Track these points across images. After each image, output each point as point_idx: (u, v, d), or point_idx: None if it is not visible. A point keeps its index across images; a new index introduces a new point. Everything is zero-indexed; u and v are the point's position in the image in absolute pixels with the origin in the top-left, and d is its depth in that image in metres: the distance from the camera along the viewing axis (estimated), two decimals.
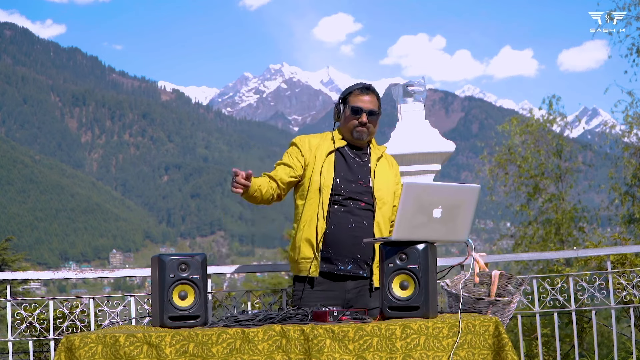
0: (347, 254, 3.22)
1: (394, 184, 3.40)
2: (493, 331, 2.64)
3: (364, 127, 3.31)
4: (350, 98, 3.36)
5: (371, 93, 3.36)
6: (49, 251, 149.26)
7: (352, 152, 3.36)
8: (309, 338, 2.53)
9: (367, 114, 3.31)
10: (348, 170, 3.30)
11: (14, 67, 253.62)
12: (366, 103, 3.33)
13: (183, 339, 2.57)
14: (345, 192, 3.25)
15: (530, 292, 4.23)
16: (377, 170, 3.34)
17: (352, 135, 3.33)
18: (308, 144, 3.36)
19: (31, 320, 4.05)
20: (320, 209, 3.22)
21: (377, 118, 3.35)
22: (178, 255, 2.85)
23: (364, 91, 3.35)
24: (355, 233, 3.22)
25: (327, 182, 3.24)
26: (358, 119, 3.31)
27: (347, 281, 3.24)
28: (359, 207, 3.25)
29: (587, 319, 6.98)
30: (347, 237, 3.22)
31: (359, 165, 3.33)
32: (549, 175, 16.86)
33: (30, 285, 12.16)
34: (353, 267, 3.23)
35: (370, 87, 3.38)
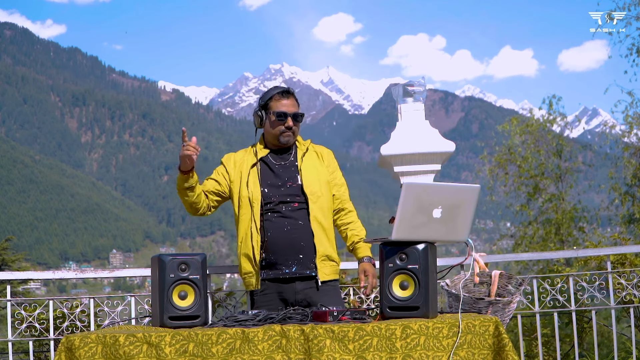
0: (289, 256, 3.25)
1: (326, 174, 3.38)
2: (493, 331, 2.64)
3: (290, 131, 3.33)
4: (271, 104, 3.35)
5: (291, 96, 3.36)
6: (49, 251, 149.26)
7: (276, 157, 3.38)
8: (309, 338, 2.53)
9: (292, 117, 3.32)
10: (274, 176, 3.32)
11: (14, 67, 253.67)
12: (289, 107, 3.33)
13: (183, 339, 2.57)
14: (276, 198, 3.28)
15: (530, 292, 4.23)
16: (304, 167, 3.35)
17: (278, 141, 3.35)
18: (233, 161, 3.40)
19: (31, 320, 4.05)
20: (252, 223, 3.25)
21: (301, 120, 3.36)
22: (178, 255, 2.86)
23: (284, 95, 3.35)
24: (292, 235, 3.25)
25: (256, 194, 3.27)
26: (284, 123, 3.32)
27: (295, 282, 3.27)
28: (292, 208, 3.28)
29: (587, 319, 6.98)
30: (285, 241, 3.24)
31: (285, 168, 3.35)
32: (549, 175, 16.86)
33: (30, 285, 12.17)
34: (298, 267, 3.26)
35: (289, 90, 3.38)
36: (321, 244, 3.27)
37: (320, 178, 3.34)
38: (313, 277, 3.28)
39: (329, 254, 3.31)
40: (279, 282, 3.27)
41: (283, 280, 3.26)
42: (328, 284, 3.30)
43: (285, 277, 3.26)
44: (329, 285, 3.31)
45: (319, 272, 3.27)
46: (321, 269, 3.28)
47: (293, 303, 3.23)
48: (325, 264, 3.29)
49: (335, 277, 3.35)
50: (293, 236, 3.25)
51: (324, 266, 3.29)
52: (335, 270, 3.35)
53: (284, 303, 3.24)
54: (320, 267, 3.28)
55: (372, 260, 3.29)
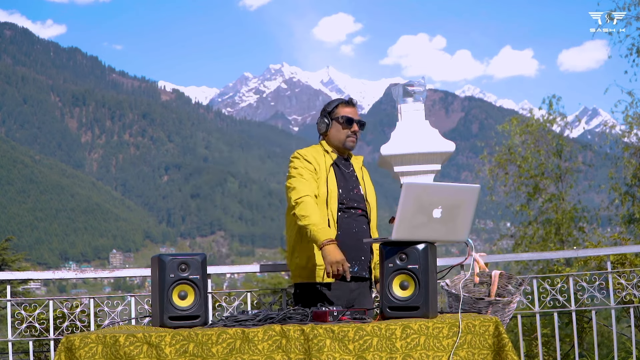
0: (353, 256, 3.39)
1: (369, 184, 3.62)
2: (493, 331, 2.64)
3: (355, 137, 3.54)
4: (337, 110, 3.57)
5: (354, 106, 3.61)
6: (49, 251, 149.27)
7: (342, 162, 3.57)
8: (309, 338, 2.53)
9: (357, 123, 3.53)
10: (345, 180, 3.51)
11: (14, 67, 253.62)
12: (353, 114, 3.57)
13: (183, 339, 2.57)
14: (347, 201, 3.45)
15: (530, 292, 4.23)
16: (364, 179, 3.59)
17: (343, 145, 3.54)
18: (311, 157, 3.51)
19: (31, 320, 4.05)
20: (330, 217, 3.39)
21: (363, 129, 3.59)
22: (178, 255, 2.86)
23: (349, 104, 3.59)
24: (358, 237, 3.42)
25: (333, 192, 3.43)
26: (350, 128, 3.52)
27: (351, 282, 3.40)
28: (358, 213, 3.48)
29: (587, 319, 6.99)
30: (353, 241, 3.40)
31: (350, 175, 3.54)
32: (549, 175, 16.85)
33: (30, 285, 12.18)
34: (358, 268, 3.42)
35: (352, 100, 3.62)
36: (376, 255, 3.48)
37: (373, 193, 3.63)
38: (366, 279, 3.47)
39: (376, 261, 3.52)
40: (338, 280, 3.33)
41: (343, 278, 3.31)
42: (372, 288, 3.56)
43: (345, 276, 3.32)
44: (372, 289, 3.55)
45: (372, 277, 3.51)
46: (374, 273, 3.51)
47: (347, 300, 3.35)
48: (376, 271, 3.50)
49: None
50: (359, 238, 3.41)
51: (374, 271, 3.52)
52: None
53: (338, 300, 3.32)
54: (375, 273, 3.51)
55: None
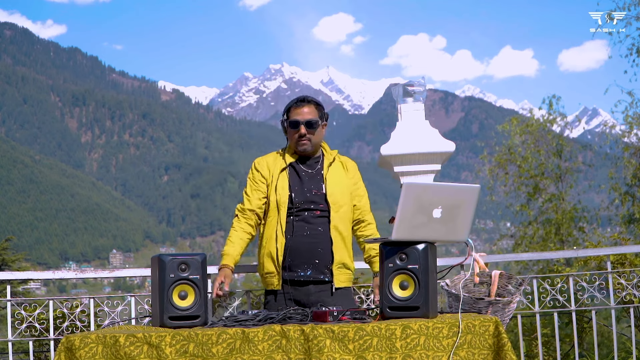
0: (306, 260, 3.36)
1: (349, 185, 3.49)
2: (493, 331, 2.64)
3: (305, 139, 3.41)
4: (289, 114, 3.46)
5: (308, 104, 3.45)
6: (49, 251, 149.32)
7: (303, 164, 3.47)
8: (309, 338, 2.53)
9: (305, 125, 3.40)
10: (300, 183, 3.42)
11: (14, 67, 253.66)
12: (303, 115, 3.42)
13: (183, 339, 2.57)
14: (300, 204, 3.38)
15: (530, 292, 4.23)
16: (329, 176, 3.45)
17: (297, 148, 3.45)
18: (266, 165, 3.50)
19: (31, 320, 4.05)
20: (278, 225, 3.36)
21: (316, 126, 3.42)
22: (178, 255, 2.86)
23: (299, 104, 3.45)
24: (311, 240, 3.35)
25: (283, 198, 3.38)
26: (297, 132, 3.40)
27: (309, 286, 3.37)
28: (314, 215, 3.38)
29: (587, 319, 6.98)
30: (304, 245, 3.35)
31: (311, 176, 3.44)
32: (549, 175, 16.85)
33: (30, 285, 12.18)
34: (313, 272, 3.36)
35: (305, 99, 3.47)
36: (338, 252, 3.38)
37: (344, 189, 3.44)
38: (327, 282, 3.38)
39: (345, 262, 3.41)
40: (294, 285, 3.37)
41: (298, 282, 3.36)
42: (342, 290, 3.41)
43: (300, 280, 3.36)
44: (342, 291, 3.41)
45: (335, 279, 3.38)
46: (337, 276, 3.38)
47: (306, 304, 3.31)
48: (341, 271, 3.40)
49: (349, 285, 3.46)
50: (312, 241, 3.35)
51: (339, 273, 3.39)
52: (349, 278, 3.46)
53: (297, 304, 3.32)
54: (336, 274, 3.38)
55: None
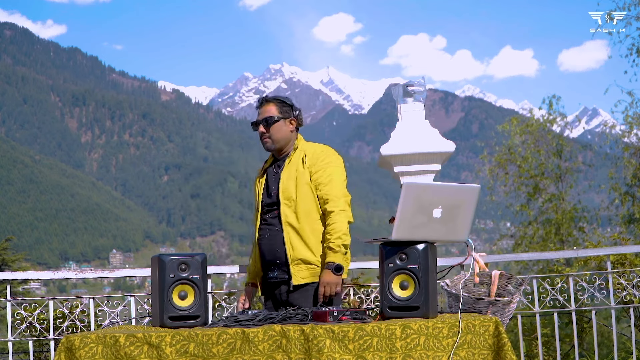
0: (269, 262, 3.40)
1: (306, 175, 3.35)
2: (493, 331, 2.64)
3: (265, 138, 3.44)
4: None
5: (266, 103, 3.48)
6: (49, 251, 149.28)
7: (275, 165, 3.50)
8: (309, 338, 2.53)
9: (262, 123, 3.44)
10: (267, 185, 3.48)
11: (14, 67, 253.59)
12: (262, 114, 3.46)
13: (183, 339, 2.57)
14: (265, 207, 3.45)
15: (530, 292, 4.23)
16: (286, 170, 3.41)
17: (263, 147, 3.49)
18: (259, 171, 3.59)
19: (31, 320, 4.05)
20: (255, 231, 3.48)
21: (273, 123, 3.43)
22: (178, 255, 2.86)
23: (260, 106, 3.51)
24: (270, 241, 3.39)
25: (257, 205, 3.49)
26: (259, 131, 3.46)
27: (281, 286, 3.38)
28: (273, 215, 3.41)
29: (587, 319, 6.98)
30: (266, 247, 3.41)
31: (275, 177, 3.46)
32: (549, 175, 16.86)
33: (30, 285, 12.18)
34: (278, 272, 3.39)
35: (264, 99, 3.51)
36: (293, 248, 3.32)
37: (299, 181, 3.35)
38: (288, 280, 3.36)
39: (303, 257, 3.31)
40: (267, 287, 3.44)
41: (269, 285, 3.42)
42: (304, 288, 3.32)
43: (270, 282, 3.41)
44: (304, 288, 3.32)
45: (293, 277, 3.32)
46: (295, 273, 3.32)
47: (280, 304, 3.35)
48: (300, 267, 3.32)
49: (313, 280, 3.32)
50: (270, 242, 3.38)
51: (298, 270, 3.32)
52: (313, 273, 3.32)
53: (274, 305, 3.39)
54: (294, 272, 3.32)
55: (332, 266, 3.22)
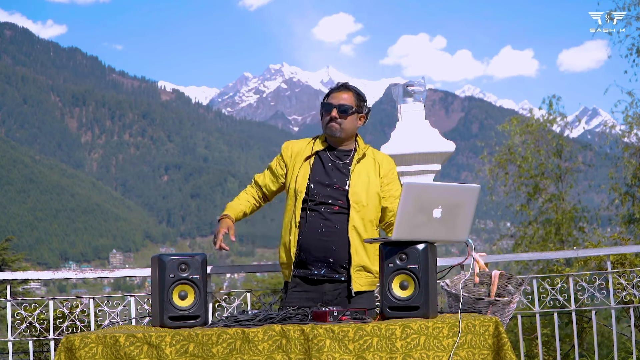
0: (319, 258, 3.23)
1: (377, 184, 3.30)
2: (493, 331, 2.64)
3: (335, 123, 3.29)
4: (327, 98, 3.39)
5: (345, 90, 3.36)
6: (49, 251, 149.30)
7: (332, 155, 3.34)
8: (309, 338, 2.53)
9: (338, 109, 3.30)
10: (325, 174, 3.29)
11: (14, 67, 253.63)
12: (338, 99, 3.33)
13: (183, 339, 2.57)
14: (318, 197, 3.25)
15: (530, 292, 4.22)
16: (355, 172, 3.29)
17: (326, 133, 3.35)
18: (291, 150, 3.40)
19: (31, 320, 4.05)
20: (293, 215, 3.25)
21: (349, 113, 3.30)
22: (178, 255, 2.85)
23: (337, 89, 3.38)
24: (325, 237, 3.22)
25: (301, 187, 3.26)
26: (329, 114, 3.31)
27: (324, 284, 3.25)
28: (332, 211, 3.24)
29: (587, 319, 6.98)
30: (318, 242, 3.22)
31: (337, 169, 3.30)
32: (549, 175, 16.86)
33: (30, 285, 12.19)
34: (327, 271, 3.24)
35: (344, 85, 3.39)
36: (357, 253, 3.21)
37: (370, 187, 3.27)
38: (343, 282, 3.25)
39: (365, 264, 3.23)
40: (307, 282, 3.27)
41: (311, 280, 3.26)
42: (362, 296, 3.25)
43: (313, 278, 3.25)
44: (362, 297, 3.25)
45: (353, 283, 3.22)
46: (355, 279, 3.22)
47: (321, 303, 3.20)
48: (360, 274, 3.23)
49: (371, 289, 3.28)
50: (325, 239, 3.22)
51: (358, 276, 3.23)
52: (371, 281, 3.27)
53: (311, 302, 3.21)
54: (354, 277, 3.22)
55: None
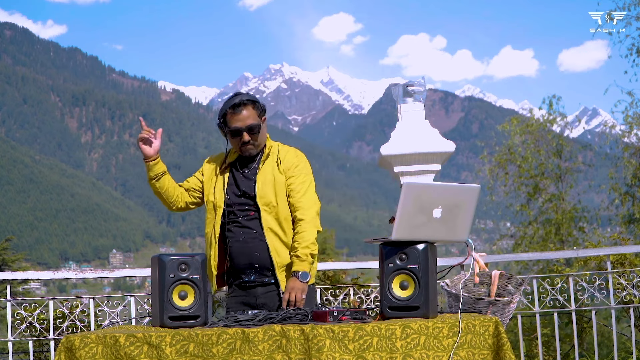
0: (246, 265, 3.28)
1: (282, 181, 3.28)
2: (493, 331, 2.65)
3: (249, 145, 3.27)
4: (227, 118, 3.27)
5: (245, 106, 3.26)
6: (49, 251, 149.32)
7: (242, 164, 3.35)
8: (308, 338, 2.53)
9: (247, 131, 3.25)
10: (235, 185, 3.33)
11: (14, 67, 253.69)
12: (243, 121, 3.24)
13: (183, 339, 2.57)
14: (235, 207, 3.30)
15: (530, 292, 4.23)
16: (260, 175, 3.30)
17: (242, 154, 3.32)
18: (209, 163, 3.43)
19: (31, 320, 4.05)
20: (213, 230, 3.31)
21: (259, 129, 3.27)
22: (178, 255, 2.86)
23: (236, 109, 3.25)
24: (247, 244, 3.27)
25: (219, 201, 3.31)
26: (240, 139, 3.26)
27: (256, 288, 3.29)
28: (248, 217, 3.28)
29: (587, 319, 6.98)
30: (242, 249, 3.27)
31: (246, 177, 3.33)
32: (549, 175, 16.87)
33: (30, 285, 12.19)
34: (255, 276, 3.28)
35: (241, 103, 3.25)
36: (278, 254, 3.24)
37: (277, 186, 3.27)
38: (273, 284, 3.28)
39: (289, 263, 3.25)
40: (241, 289, 3.32)
41: (245, 287, 3.31)
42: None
43: (246, 285, 3.31)
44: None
45: (281, 283, 3.25)
46: (283, 279, 3.26)
47: (256, 306, 3.26)
48: (287, 274, 3.25)
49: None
50: (248, 246, 3.26)
51: (286, 277, 3.26)
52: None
53: (248, 306, 3.27)
54: (281, 278, 3.26)
55: (298, 274, 3.16)
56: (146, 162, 3.37)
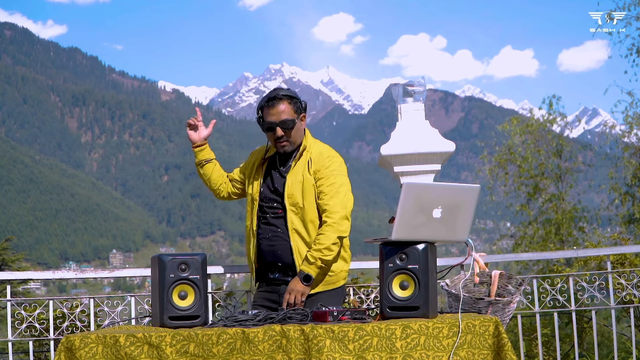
0: (271, 263, 3.31)
1: (311, 182, 3.23)
2: (493, 331, 2.65)
3: (283, 141, 3.26)
4: (263, 112, 3.28)
5: (280, 101, 3.23)
6: (49, 251, 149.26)
7: (280, 160, 3.35)
8: (309, 338, 2.53)
9: (281, 125, 3.22)
10: (270, 179, 3.34)
11: (14, 67, 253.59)
12: (277, 115, 3.23)
13: (183, 339, 2.57)
14: (265, 202, 3.33)
15: (530, 292, 4.22)
16: (291, 174, 3.27)
17: (277, 150, 3.32)
18: (252, 156, 3.48)
19: (31, 320, 4.05)
20: (250, 222, 3.35)
21: (293, 125, 3.23)
22: (178, 255, 2.86)
23: (270, 104, 3.24)
24: (271, 243, 3.28)
25: (255, 195, 3.34)
26: (274, 134, 3.26)
27: (281, 286, 3.30)
28: (276, 215, 3.29)
29: (587, 319, 6.98)
30: (268, 247, 3.29)
31: (280, 174, 3.33)
32: (549, 175, 16.87)
33: (30, 285, 12.17)
34: (280, 274, 3.30)
35: (276, 97, 3.24)
36: (301, 256, 3.22)
37: (305, 187, 3.24)
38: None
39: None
40: (267, 284, 3.35)
41: (271, 283, 3.33)
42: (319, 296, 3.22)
43: (271, 281, 3.33)
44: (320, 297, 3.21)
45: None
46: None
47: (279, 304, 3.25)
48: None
49: (326, 289, 3.26)
50: (272, 244, 3.28)
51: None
52: (326, 281, 3.26)
53: (272, 303, 3.29)
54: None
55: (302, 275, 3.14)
56: (193, 147, 3.49)
